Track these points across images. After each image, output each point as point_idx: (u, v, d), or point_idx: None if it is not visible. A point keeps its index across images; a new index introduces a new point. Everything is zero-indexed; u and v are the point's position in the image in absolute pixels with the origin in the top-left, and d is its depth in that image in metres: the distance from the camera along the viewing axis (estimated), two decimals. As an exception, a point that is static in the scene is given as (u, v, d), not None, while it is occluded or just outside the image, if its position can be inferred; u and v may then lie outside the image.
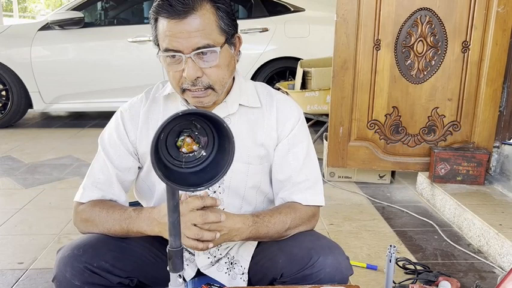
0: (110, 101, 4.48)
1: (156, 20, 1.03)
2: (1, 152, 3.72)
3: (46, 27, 4.42)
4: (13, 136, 4.28)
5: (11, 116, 4.53)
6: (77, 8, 4.46)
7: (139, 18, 5.05)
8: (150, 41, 4.28)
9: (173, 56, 1.02)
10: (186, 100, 1.12)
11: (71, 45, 4.46)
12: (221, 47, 1.02)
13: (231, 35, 1.05)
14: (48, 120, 5.09)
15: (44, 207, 2.64)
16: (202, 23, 0.99)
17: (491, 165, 2.75)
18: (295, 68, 3.91)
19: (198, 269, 1.20)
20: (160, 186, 1.15)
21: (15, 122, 4.66)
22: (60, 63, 4.43)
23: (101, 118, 5.08)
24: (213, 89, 1.05)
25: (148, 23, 1.12)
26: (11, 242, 2.20)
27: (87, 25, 4.52)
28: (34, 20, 10.10)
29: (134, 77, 4.40)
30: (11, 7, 18.61)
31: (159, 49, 1.05)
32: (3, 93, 4.52)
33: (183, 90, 1.06)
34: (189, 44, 0.99)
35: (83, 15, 4.42)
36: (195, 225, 0.99)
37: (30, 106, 4.54)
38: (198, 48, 1.00)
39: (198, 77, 1.02)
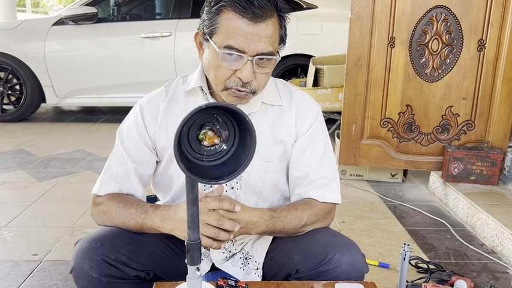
0: (122, 96, 4.51)
1: (220, 12, 1.00)
2: (15, 146, 3.76)
3: (60, 22, 4.45)
4: (26, 130, 4.33)
5: (25, 110, 4.58)
6: (90, 4, 4.49)
7: (151, 14, 5.07)
8: (162, 37, 4.38)
9: (231, 54, 1.00)
10: (211, 94, 1.13)
11: (84, 40, 4.49)
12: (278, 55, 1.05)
13: (283, 44, 1.08)
14: (61, 115, 5.14)
15: (57, 200, 2.66)
16: (272, 31, 1.00)
17: (505, 165, 2.72)
18: (307, 65, 3.90)
19: (213, 264, 1.20)
20: (178, 180, 1.15)
21: (29, 116, 4.71)
22: (74, 58, 4.47)
23: (113, 113, 5.12)
24: (254, 93, 1.06)
25: (160, 19, 1.11)
26: (25, 234, 2.22)
27: (100, 20, 4.55)
28: (47, 16, 10.19)
29: (146, 73, 4.42)
30: (24, 2, 18.77)
31: (209, 39, 1.02)
32: (17, 87, 4.58)
33: (226, 88, 1.05)
34: (255, 48, 0.99)
35: (96, 11, 4.45)
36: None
37: (44, 100, 4.59)
38: (262, 54, 1.00)
39: (251, 80, 1.03)
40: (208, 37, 1.03)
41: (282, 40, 1.06)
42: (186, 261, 0.85)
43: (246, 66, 1.00)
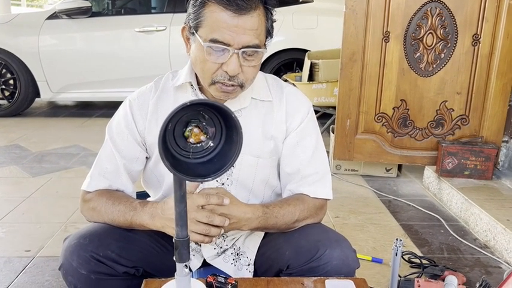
0: (116, 91, 4.49)
1: (204, 4, 0.99)
2: (9, 141, 3.74)
3: (54, 16, 4.42)
4: (20, 125, 4.30)
5: (19, 105, 4.55)
6: (84, -3, 4.45)
7: (146, 8, 5.03)
8: (157, 31, 4.35)
9: (216, 47, 0.99)
10: (200, 90, 1.12)
11: (79, 34, 4.46)
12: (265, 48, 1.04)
13: (270, 37, 1.07)
14: (55, 110, 5.11)
15: (51, 196, 2.65)
16: (257, 23, 0.99)
17: (499, 160, 2.72)
18: (303, 60, 3.89)
19: (204, 260, 1.20)
20: (169, 177, 1.14)
21: (23, 110, 4.68)
22: (68, 53, 4.44)
23: (108, 108, 5.09)
24: (242, 86, 1.05)
25: (155, 13, 1.09)
26: (18, 230, 2.22)
27: (94, 14, 4.51)
28: (41, 9, 10.11)
29: (141, 67, 4.40)
30: (19, -4, 18.59)
31: (194, 32, 1.02)
32: (11, 82, 4.55)
33: (213, 82, 1.04)
34: (241, 41, 0.98)
35: (90, 5, 4.42)
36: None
37: (38, 95, 4.56)
38: (248, 47, 0.99)
39: (237, 73, 1.02)
40: (193, 31, 1.02)
41: (269, 33, 1.05)
42: (174, 258, 0.84)
43: (232, 59, 0.99)
